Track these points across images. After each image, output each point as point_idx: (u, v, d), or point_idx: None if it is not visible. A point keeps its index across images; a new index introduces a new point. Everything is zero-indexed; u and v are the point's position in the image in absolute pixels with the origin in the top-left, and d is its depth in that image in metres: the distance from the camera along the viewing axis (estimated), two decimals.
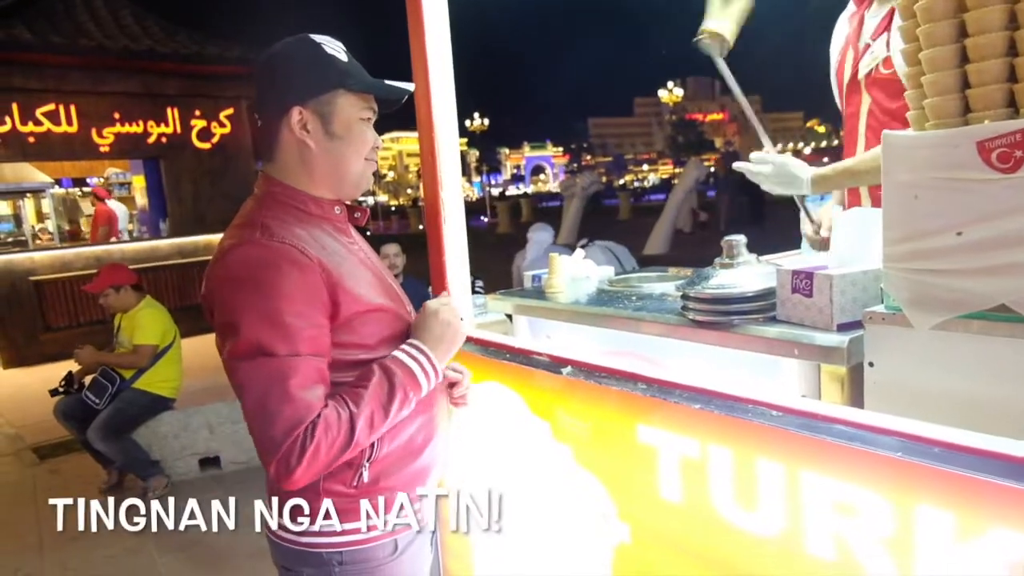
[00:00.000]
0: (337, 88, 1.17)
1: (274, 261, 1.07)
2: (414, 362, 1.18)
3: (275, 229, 1.11)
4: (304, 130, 1.17)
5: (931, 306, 1.11)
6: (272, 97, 1.18)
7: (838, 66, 1.90)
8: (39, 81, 7.79)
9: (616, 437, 1.43)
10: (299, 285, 1.07)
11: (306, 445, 1.03)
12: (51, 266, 7.68)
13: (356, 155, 1.21)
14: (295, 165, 1.19)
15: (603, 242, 6.17)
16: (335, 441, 1.06)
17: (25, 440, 4.95)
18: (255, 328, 1.04)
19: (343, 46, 1.22)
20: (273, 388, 1.03)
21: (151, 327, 3.95)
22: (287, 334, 1.05)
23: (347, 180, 1.22)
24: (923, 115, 1.11)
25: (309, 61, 1.17)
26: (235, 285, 1.07)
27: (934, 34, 1.05)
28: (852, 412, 1.12)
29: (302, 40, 1.20)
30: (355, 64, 1.22)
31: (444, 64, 1.96)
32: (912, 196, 1.09)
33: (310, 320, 1.08)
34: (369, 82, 1.20)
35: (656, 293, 1.86)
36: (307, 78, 1.17)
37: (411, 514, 1.23)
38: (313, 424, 1.04)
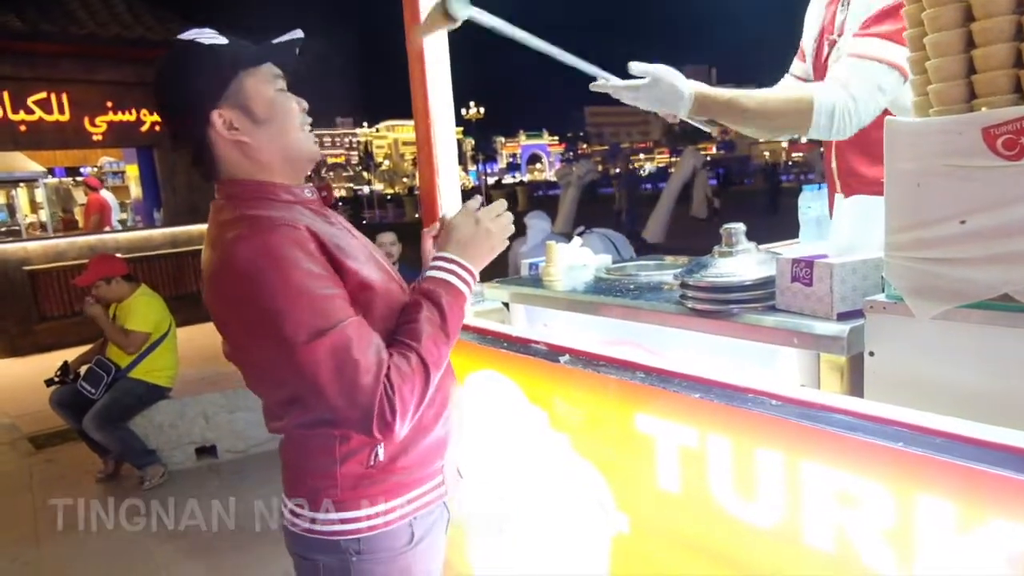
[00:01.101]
0: (236, 73, 1.14)
1: (279, 245, 1.05)
2: (450, 275, 1.19)
3: (261, 218, 1.09)
4: (233, 129, 1.14)
5: (933, 295, 1.10)
6: (185, 114, 1.15)
7: (814, 57, 1.88)
8: (30, 69, 7.73)
9: (614, 426, 1.42)
10: (307, 258, 1.06)
11: (392, 399, 1.03)
12: (45, 256, 7.64)
13: (291, 127, 1.18)
14: (244, 166, 1.16)
15: (600, 230, 6.17)
16: (414, 381, 1.07)
17: (21, 429, 4.94)
18: (294, 314, 1.02)
19: (214, 31, 1.17)
20: (341, 363, 1.02)
21: (145, 315, 3.93)
22: (325, 308, 1.04)
23: (296, 155, 1.20)
24: (927, 101, 1.09)
25: (197, 62, 1.13)
26: (252, 282, 1.04)
27: (939, 18, 1.04)
28: (852, 402, 1.11)
29: (179, 49, 1.15)
30: (237, 41, 1.17)
31: (440, 53, 1.93)
32: (915, 184, 1.08)
33: (335, 286, 1.08)
34: (260, 52, 1.17)
35: (654, 282, 1.85)
36: (204, 79, 1.13)
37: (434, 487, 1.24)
38: (388, 377, 1.04)
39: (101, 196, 9.08)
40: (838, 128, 1.55)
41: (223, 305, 1.11)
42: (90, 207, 8.94)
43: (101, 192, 9.16)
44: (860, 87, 1.53)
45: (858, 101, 1.53)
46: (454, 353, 1.24)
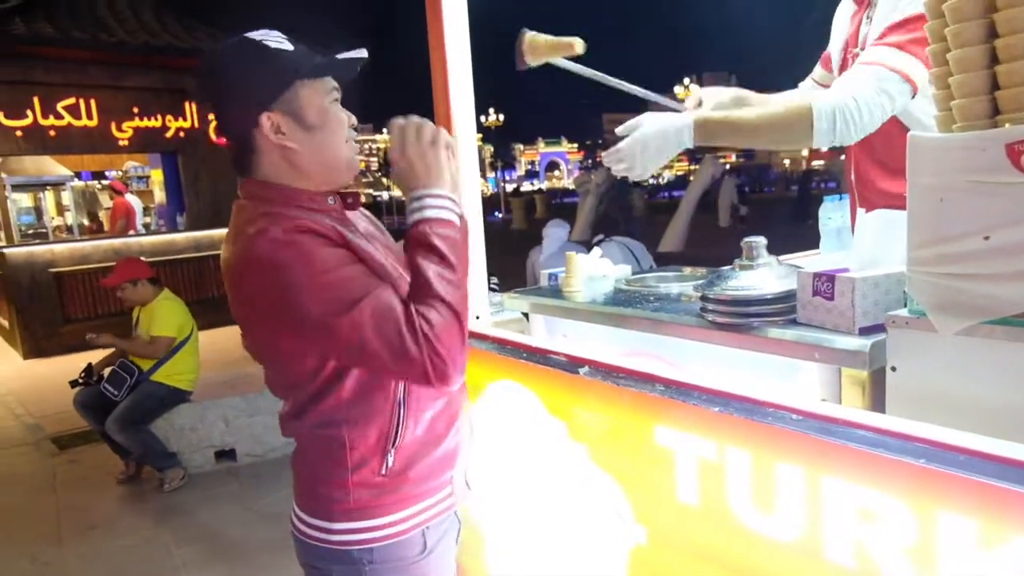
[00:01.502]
0: (295, 80, 1.13)
1: (298, 234, 1.06)
2: (417, 212, 1.13)
3: (280, 214, 1.10)
4: (280, 133, 1.13)
5: (956, 311, 1.09)
6: (235, 111, 1.15)
7: (838, 70, 1.86)
8: (60, 75, 7.89)
9: (633, 438, 1.42)
10: (329, 244, 1.07)
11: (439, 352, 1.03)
12: (71, 258, 7.77)
13: (339, 139, 1.18)
14: (283, 169, 1.16)
15: (619, 238, 6.15)
16: (449, 327, 1.05)
17: (44, 430, 5.02)
18: (324, 292, 1.03)
19: (282, 35, 1.16)
20: (382, 325, 1.03)
21: (168, 319, 3.99)
22: (352, 282, 1.05)
23: (339, 167, 1.20)
24: (950, 117, 1.09)
25: (259, 62, 1.12)
26: (276, 270, 1.04)
27: (963, 34, 1.04)
28: (874, 417, 1.10)
29: (242, 43, 1.14)
30: (302, 49, 1.16)
31: (463, 60, 1.95)
32: (938, 199, 1.08)
33: (357, 263, 1.08)
34: (324, 63, 1.16)
35: (674, 293, 1.85)
36: (263, 81, 1.12)
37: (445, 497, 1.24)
38: (425, 336, 1.03)
39: (127, 200, 9.23)
40: (840, 131, 1.49)
41: (247, 299, 1.11)
42: (116, 211, 9.09)
43: (126, 196, 9.32)
44: (862, 90, 1.49)
45: (859, 102, 1.47)
46: (474, 363, 1.25)
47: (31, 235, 8.65)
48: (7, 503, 3.91)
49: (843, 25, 1.85)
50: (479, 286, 2.05)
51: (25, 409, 5.62)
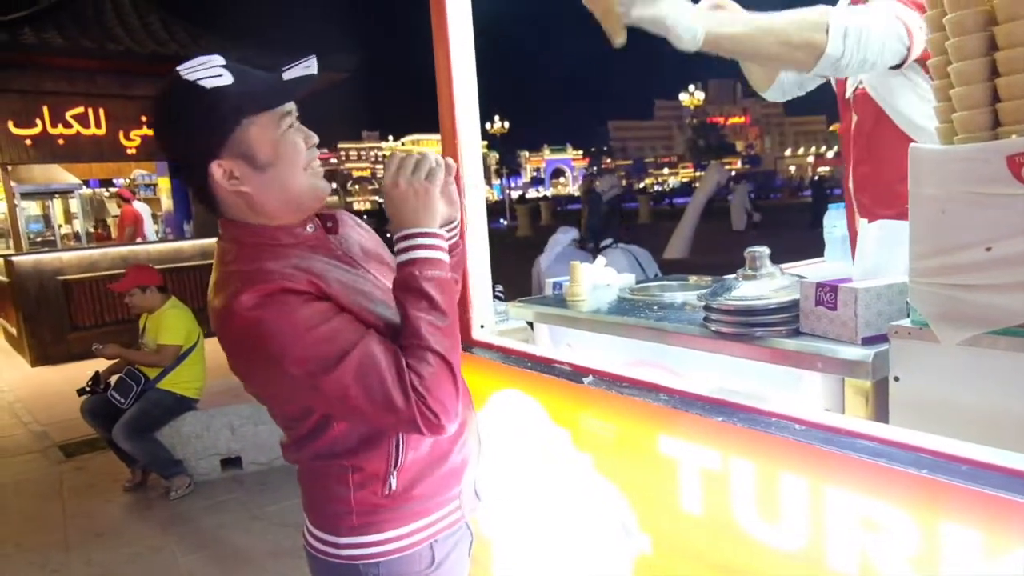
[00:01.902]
0: (239, 121, 1.06)
1: (275, 293, 1.03)
2: (407, 252, 1.09)
3: (257, 272, 1.06)
4: (233, 179, 1.08)
5: (959, 321, 1.10)
6: (184, 163, 1.11)
7: (837, 81, 1.84)
8: (69, 84, 7.96)
9: (637, 447, 1.43)
10: (307, 299, 1.05)
11: (429, 404, 1.02)
12: (79, 266, 7.82)
13: (297, 170, 1.12)
14: (245, 212, 1.13)
15: (625, 245, 6.16)
16: (440, 377, 1.04)
17: (52, 437, 5.05)
18: (307, 352, 1.02)
19: (221, 61, 1.08)
20: (369, 384, 1.02)
21: (175, 327, 4.01)
22: (336, 336, 1.03)
23: (301, 199, 1.14)
24: (951, 128, 1.10)
25: (199, 109, 1.05)
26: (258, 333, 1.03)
27: (964, 47, 1.04)
28: (877, 427, 1.11)
29: (178, 88, 1.06)
30: (244, 77, 1.08)
31: (468, 68, 1.97)
32: (939, 210, 1.09)
33: (338, 314, 1.06)
34: (268, 94, 1.08)
35: (678, 303, 1.85)
36: (207, 129, 1.06)
37: (451, 512, 1.23)
38: (415, 389, 1.02)
39: (134, 208, 9.29)
40: (850, 51, 1.38)
41: (234, 356, 1.10)
42: (124, 219, 9.14)
43: (134, 203, 9.38)
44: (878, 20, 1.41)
45: (873, 29, 1.39)
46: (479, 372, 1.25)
47: (39, 243, 8.72)
48: (16, 510, 3.93)
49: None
50: (484, 295, 2.07)
51: (32, 416, 5.64)
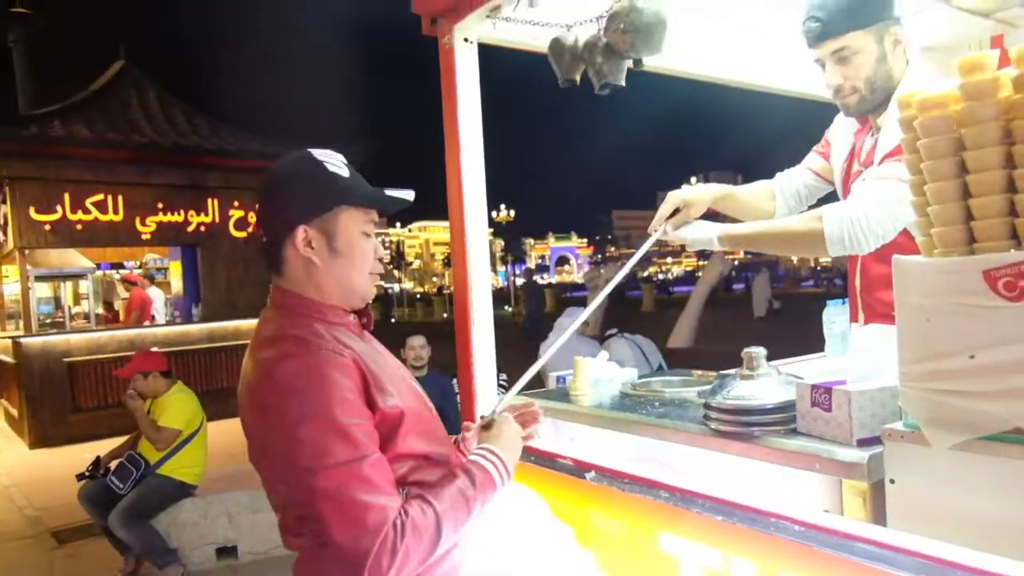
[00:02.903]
0: (339, 205, 1.22)
1: (318, 369, 1.11)
2: (491, 464, 1.24)
3: (308, 338, 1.15)
4: (309, 247, 1.21)
5: (949, 426, 1.13)
6: (278, 215, 1.24)
7: (842, 178, 1.94)
8: (91, 173, 8.26)
9: (639, 545, 1.44)
10: (346, 387, 1.11)
11: (396, 548, 1.05)
12: (85, 348, 7.87)
13: (359, 270, 1.26)
14: (303, 279, 1.24)
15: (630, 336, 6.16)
16: (423, 540, 1.08)
17: (45, 523, 4.95)
18: (319, 439, 1.06)
19: (343, 159, 1.27)
20: (350, 496, 1.05)
21: (177, 412, 4.02)
22: (348, 438, 1.08)
23: (353, 293, 1.27)
24: (931, 242, 1.17)
25: (312, 180, 1.22)
26: (287, 399, 1.09)
27: (937, 170, 1.13)
28: (877, 531, 1.13)
29: (304, 158, 1.25)
30: (356, 177, 1.26)
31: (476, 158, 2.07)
32: (925, 319, 1.14)
33: (362, 418, 1.11)
34: (370, 196, 1.25)
35: (679, 399, 1.88)
36: (310, 197, 1.22)
37: None
38: (400, 525, 1.06)
39: (142, 292, 9.44)
40: (851, 239, 1.56)
41: (258, 413, 1.15)
42: (132, 302, 9.26)
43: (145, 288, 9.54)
44: (873, 201, 1.56)
45: (869, 213, 1.54)
46: None
47: (49, 324, 8.80)
48: None
49: (844, 138, 1.95)
50: (488, 384, 2.10)
51: (28, 501, 5.55)
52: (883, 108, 1.68)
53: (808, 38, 1.66)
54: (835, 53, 1.64)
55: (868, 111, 1.72)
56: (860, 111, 1.72)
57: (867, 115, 1.75)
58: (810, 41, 1.66)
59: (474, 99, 2.07)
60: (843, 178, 1.95)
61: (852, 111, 1.73)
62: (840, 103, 1.74)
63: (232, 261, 9.26)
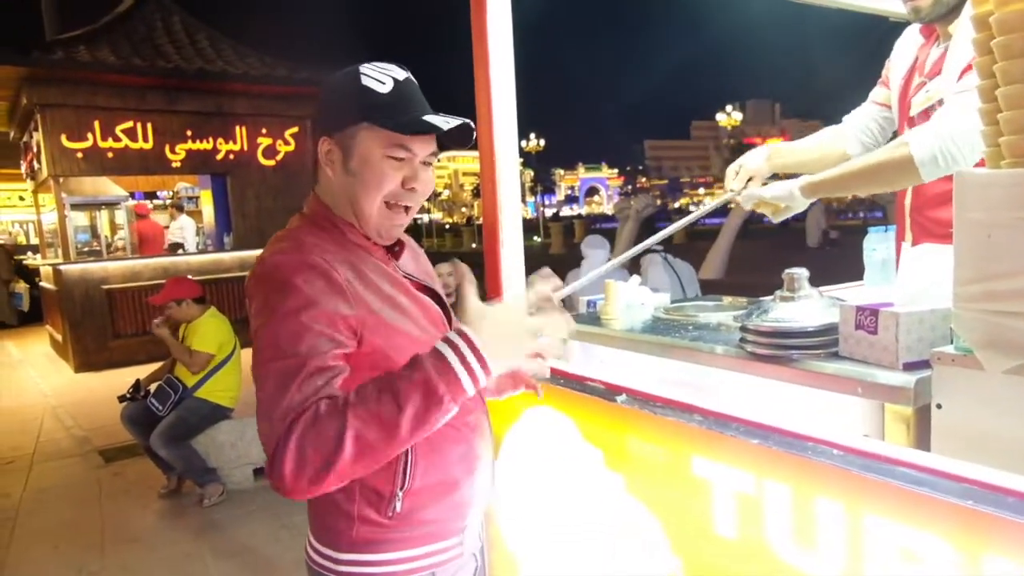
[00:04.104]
0: (361, 122, 1.12)
1: (301, 268, 1.06)
2: (453, 354, 0.97)
3: (308, 244, 1.11)
4: (328, 160, 1.17)
5: (1005, 348, 1.07)
6: (314, 124, 1.20)
7: (900, 94, 1.86)
8: (120, 100, 8.25)
9: (670, 468, 1.42)
10: (323, 293, 1.05)
11: (289, 440, 0.94)
12: (122, 275, 8.05)
13: (370, 196, 1.15)
14: (327, 192, 1.20)
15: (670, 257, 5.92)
16: (320, 437, 0.94)
17: (92, 442, 5.17)
18: (275, 330, 1.03)
19: (398, 75, 1.15)
20: (277, 387, 0.99)
21: (209, 336, 4.09)
22: (303, 339, 1.01)
23: (363, 219, 1.17)
24: (999, 153, 1.08)
25: (341, 91, 1.16)
26: (263, 289, 1.08)
27: (1011, 71, 1.03)
28: (920, 455, 1.08)
29: (350, 73, 1.17)
30: (400, 97, 1.13)
31: (507, 86, 1.99)
32: (986, 235, 1.06)
33: (331, 331, 1.04)
34: (401, 119, 1.12)
35: (713, 323, 1.84)
36: (335, 108, 1.16)
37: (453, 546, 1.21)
38: (299, 420, 0.95)
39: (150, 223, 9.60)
40: (944, 157, 1.47)
41: (248, 306, 1.11)
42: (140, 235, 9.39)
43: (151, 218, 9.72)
44: (959, 115, 1.45)
45: (957, 127, 1.44)
46: None
47: (86, 252, 8.98)
48: (56, 513, 4.03)
49: (904, 56, 1.84)
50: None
51: (75, 421, 5.79)
52: (955, 15, 1.55)
53: None
54: None
55: (940, 15, 1.59)
56: (933, 14, 1.59)
57: (937, 22, 1.63)
58: None
59: (505, 24, 1.97)
60: (901, 93, 1.84)
61: (924, 13, 1.61)
62: (911, 6, 1.62)
63: (262, 189, 9.27)
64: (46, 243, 10.39)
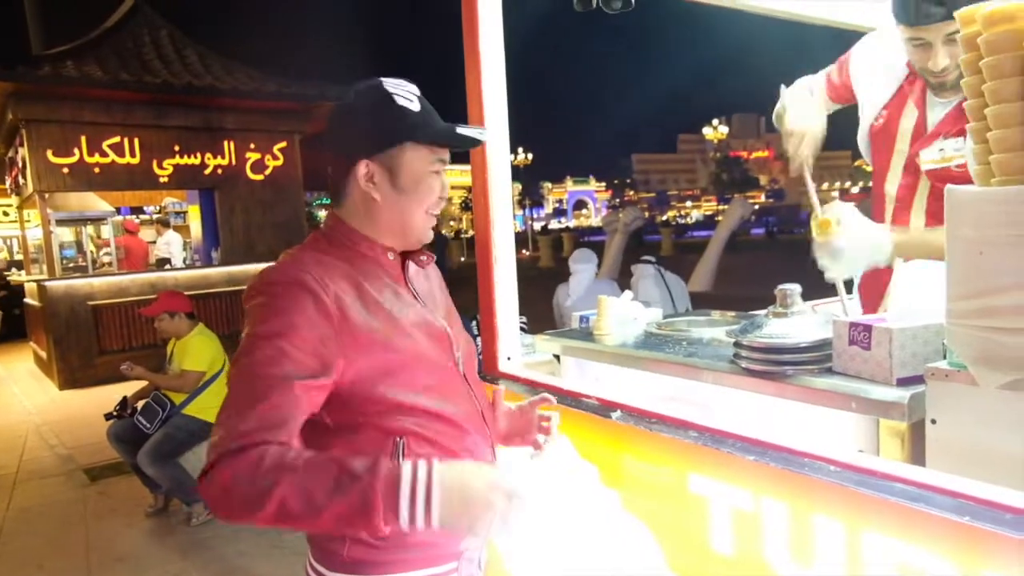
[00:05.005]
0: (405, 141, 1.15)
1: (289, 287, 1.07)
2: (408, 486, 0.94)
3: (307, 260, 1.12)
4: (371, 183, 1.16)
5: (998, 364, 1.08)
6: (342, 146, 1.19)
7: (884, 124, 1.82)
8: (107, 115, 8.20)
9: (666, 485, 1.42)
10: (307, 317, 1.05)
11: (227, 466, 0.96)
12: (108, 291, 7.97)
13: (420, 208, 1.20)
14: (362, 213, 1.19)
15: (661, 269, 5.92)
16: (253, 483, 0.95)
17: (77, 461, 5.09)
18: (253, 345, 1.04)
19: (416, 91, 1.20)
20: (242, 402, 1.00)
21: (200, 354, 4.06)
22: (277, 359, 1.02)
23: (410, 232, 1.21)
24: (988, 170, 1.10)
25: (378, 112, 1.16)
26: (252, 300, 1.09)
27: (1001, 91, 1.04)
28: (916, 471, 1.09)
29: (375, 88, 1.18)
30: (427, 112, 1.18)
31: (499, 102, 2.00)
32: (978, 252, 1.08)
33: (305, 354, 1.04)
34: (439, 133, 1.18)
35: (706, 338, 1.84)
36: (375, 130, 1.16)
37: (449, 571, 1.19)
38: (249, 448, 0.96)
39: (135, 239, 9.56)
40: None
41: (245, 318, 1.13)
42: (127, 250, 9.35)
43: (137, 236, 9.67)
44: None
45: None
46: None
47: (71, 268, 8.90)
48: (40, 532, 3.96)
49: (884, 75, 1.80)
50: (511, 326, 2.07)
51: (59, 440, 5.71)
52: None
53: (918, 17, 1.48)
54: (949, 35, 1.48)
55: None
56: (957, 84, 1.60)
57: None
58: (921, 20, 1.48)
59: (497, 38, 1.98)
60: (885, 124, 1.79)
61: (949, 87, 1.59)
62: (937, 82, 1.60)
63: (250, 204, 9.23)
64: (31, 259, 10.29)
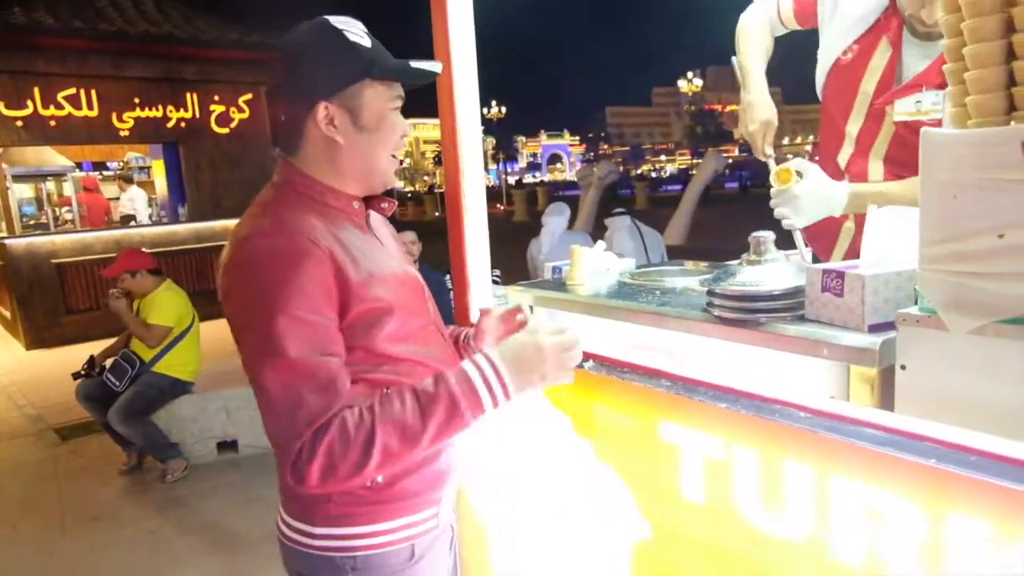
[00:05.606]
0: (363, 79, 1.11)
1: (287, 254, 1.03)
2: (481, 382, 1.06)
3: (289, 220, 1.07)
4: (331, 126, 1.11)
5: (969, 309, 1.08)
6: (295, 91, 1.13)
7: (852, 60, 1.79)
8: (61, 66, 7.85)
9: (638, 434, 1.42)
10: (312, 279, 1.03)
11: (316, 448, 0.98)
12: (72, 249, 7.76)
13: (386, 149, 1.16)
14: (322, 159, 1.14)
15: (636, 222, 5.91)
16: (349, 449, 0.99)
17: (47, 421, 5.03)
18: (268, 326, 1.00)
19: (363, 27, 1.15)
20: (287, 391, 1.00)
21: (166, 309, 3.98)
22: (300, 332, 1.01)
23: (376, 175, 1.17)
24: (964, 112, 1.08)
25: (332, 51, 1.11)
26: (248, 279, 1.04)
27: (979, 29, 1.02)
28: (885, 416, 1.09)
29: (322, 27, 1.12)
30: (379, 48, 1.14)
31: (468, 54, 1.94)
32: (951, 196, 1.06)
33: (323, 316, 1.04)
34: (396, 68, 1.14)
35: (679, 288, 1.83)
36: (331, 71, 1.11)
37: (429, 517, 1.20)
38: (326, 425, 0.99)
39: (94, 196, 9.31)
40: None
41: (226, 292, 1.08)
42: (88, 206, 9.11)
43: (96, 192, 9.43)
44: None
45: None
46: None
47: (33, 226, 8.63)
48: (11, 493, 3.92)
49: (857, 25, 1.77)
50: (483, 279, 2.04)
51: (27, 400, 5.62)
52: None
53: None
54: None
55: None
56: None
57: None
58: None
59: None
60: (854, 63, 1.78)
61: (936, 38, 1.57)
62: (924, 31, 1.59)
63: (216, 159, 8.99)
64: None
